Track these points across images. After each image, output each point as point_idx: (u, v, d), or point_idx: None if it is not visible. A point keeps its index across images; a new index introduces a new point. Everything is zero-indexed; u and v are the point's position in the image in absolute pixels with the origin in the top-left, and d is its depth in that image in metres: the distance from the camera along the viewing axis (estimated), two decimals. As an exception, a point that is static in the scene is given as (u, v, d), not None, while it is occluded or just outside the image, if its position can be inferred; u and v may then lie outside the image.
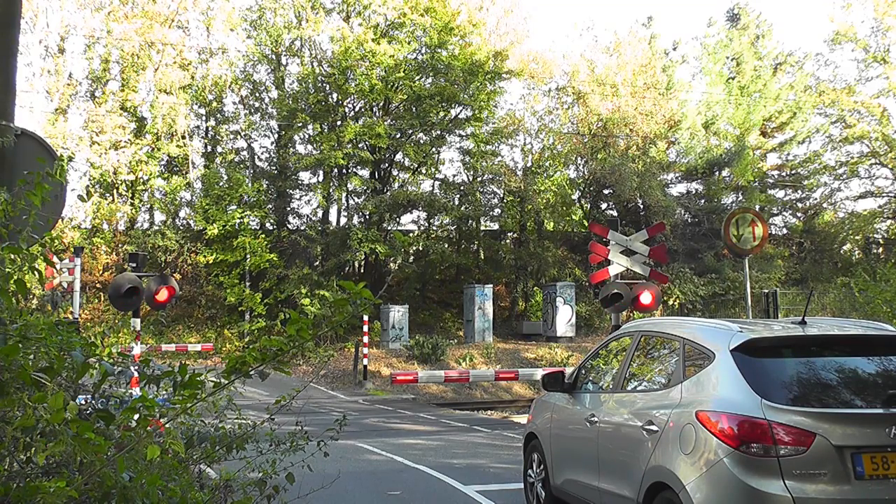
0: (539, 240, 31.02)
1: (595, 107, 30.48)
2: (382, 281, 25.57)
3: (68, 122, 25.29)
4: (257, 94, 29.01)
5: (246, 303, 26.11)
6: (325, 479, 4.22)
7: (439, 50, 26.98)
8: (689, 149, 31.46)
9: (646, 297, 12.23)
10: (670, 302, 27.53)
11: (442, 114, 27.49)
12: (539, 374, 12.63)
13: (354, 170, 29.03)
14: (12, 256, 2.64)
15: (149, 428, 2.35)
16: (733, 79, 33.12)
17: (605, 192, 31.20)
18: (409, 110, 26.93)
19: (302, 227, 28.94)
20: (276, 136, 29.38)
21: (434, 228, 31.22)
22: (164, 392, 3.05)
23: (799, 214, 35.35)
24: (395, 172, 30.14)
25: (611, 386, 6.17)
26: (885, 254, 31.61)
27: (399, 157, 28.95)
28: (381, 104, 27.86)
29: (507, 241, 33.50)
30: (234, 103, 29.61)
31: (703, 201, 31.84)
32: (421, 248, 28.86)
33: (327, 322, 2.41)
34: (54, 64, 25.24)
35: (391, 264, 26.76)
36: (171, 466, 2.83)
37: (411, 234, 30.00)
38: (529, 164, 32.13)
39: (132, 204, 28.02)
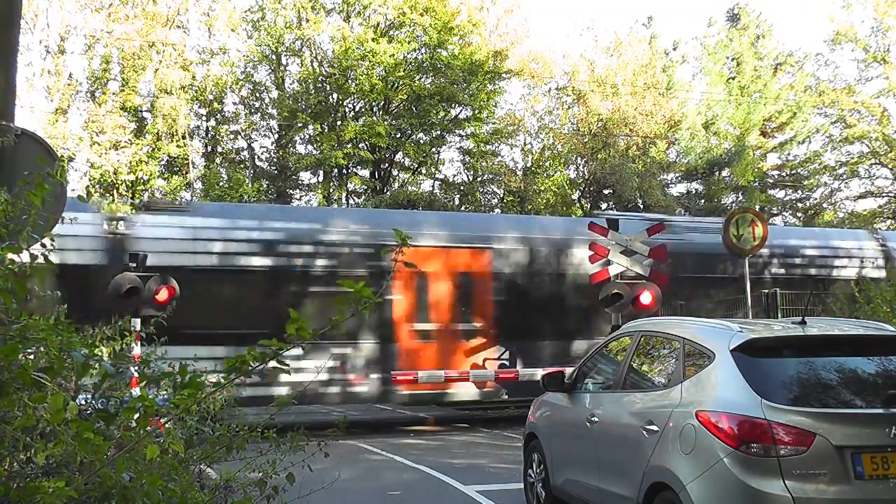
0: (539, 240, 30.98)
1: (595, 107, 30.47)
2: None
3: (68, 122, 25.26)
4: (258, 95, 28.99)
5: (246, 302, 26.05)
6: (325, 479, 4.22)
7: (439, 50, 26.97)
8: (689, 149, 31.44)
9: (646, 297, 12.25)
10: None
11: (442, 114, 27.48)
12: (539, 373, 12.64)
13: (354, 170, 29.02)
14: (12, 256, 2.64)
15: (149, 428, 2.35)
16: (733, 79, 33.10)
17: (605, 192, 31.19)
18: (409, 110, 26.92)
19: (302, 227, 28.86)
20: (276, 136, 29.38)
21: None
22: (164, 392, 3.05)
23: (799, 214, 35.31)
24: (395, 172, 30.13)
25: (611, 386, 6.17)
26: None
27: (399, 156, 28.96)
28: (381, 104, 27.84)
29: (508, 240, 33.45)
30: (235, 103, 29.59)
31: (703, 201, 31.80)
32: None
33: (328, 321, 2.41)
34: (54, 64, 25.19)
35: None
36: (171, 466, 2.83)
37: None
38: (529, 164, 32.12)
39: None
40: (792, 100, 33.12)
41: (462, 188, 30.16)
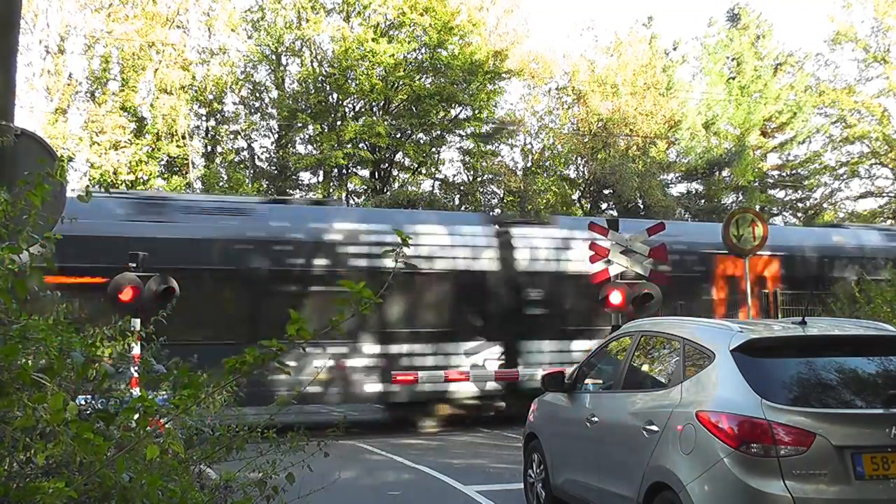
0: (539, 240, 30.97)
1: (595, 107, 30.44)
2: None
3: (68, 122, 25.26)
4: (257, 94, 28.99)
5: (246, 303, 26.01)
6: (325, 479, 4.22)
7: (439, 50, 26.96)
8: (690, 149, 31.42)
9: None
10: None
11: (442, 113, 27.47)
12: (539, 373, 12.67)
13: (354, 170, 29.01)
14: (12, 256, 2.64)
15: (149, 428, 2.35)
16: (733, 79, 33.08)
17: (605, 192, 31.17)
18: (409, 110, 26.91)
19: (302, 227, 28.84)
20: (276, 136, 29.37)
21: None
22: (164, 392, 3.05)
23: (799, 214, 35.31)
24: (395, 172, 30.12)
25: (611, 386, 6.17)
26: (886, 254, 31.54)
27: (399, 156, 28.95)
28: (381, 104, 27.84)
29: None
30: (235, 103, 29.59)
31: (703, 201, 31.79)
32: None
33: (328, 322, 2.41)
34: (54, 64, 25.18)
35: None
36: (171, 466, 2.82)
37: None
38: (529, 164, 32.11)
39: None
40: (792, 100, 33.12)
41: (462, 188, 30.14)
